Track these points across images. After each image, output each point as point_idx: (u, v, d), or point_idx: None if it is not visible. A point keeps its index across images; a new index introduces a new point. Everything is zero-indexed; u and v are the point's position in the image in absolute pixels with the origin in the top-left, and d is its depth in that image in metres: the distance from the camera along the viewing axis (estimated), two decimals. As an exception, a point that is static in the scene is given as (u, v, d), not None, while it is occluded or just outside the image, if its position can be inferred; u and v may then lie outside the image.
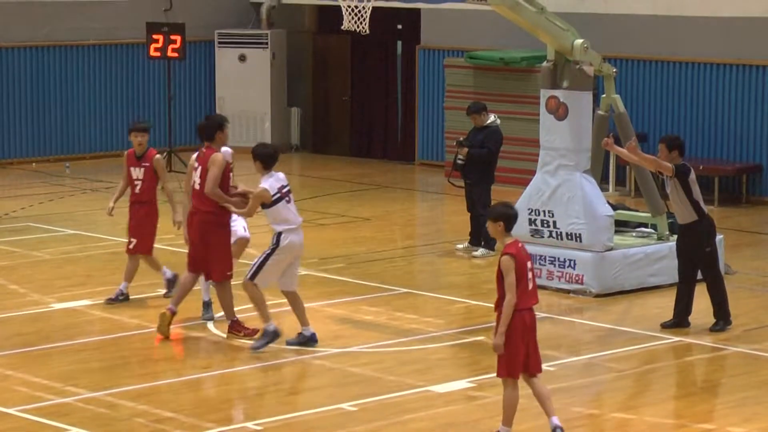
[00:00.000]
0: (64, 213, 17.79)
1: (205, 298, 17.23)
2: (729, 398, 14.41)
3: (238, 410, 14.13)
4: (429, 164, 28.99)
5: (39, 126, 27.41)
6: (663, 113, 25.57)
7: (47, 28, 29.58)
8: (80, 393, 14.35)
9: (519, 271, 12.48)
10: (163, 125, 27.70)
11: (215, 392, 14.94)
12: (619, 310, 17.94)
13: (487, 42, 26.99)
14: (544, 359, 15.64)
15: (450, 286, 18.85)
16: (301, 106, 31.88)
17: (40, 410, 13.77)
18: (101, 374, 15.08)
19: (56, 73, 29.36)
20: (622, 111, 19.41)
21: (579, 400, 14.49)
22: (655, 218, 19.31)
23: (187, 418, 13.65)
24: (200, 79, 30.93)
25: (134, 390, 14.50)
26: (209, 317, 17.12)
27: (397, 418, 13.49)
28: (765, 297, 18.78)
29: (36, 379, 14.82)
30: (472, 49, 27.21)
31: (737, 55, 25.19)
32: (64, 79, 29.31)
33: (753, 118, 25.16)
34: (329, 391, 14.50)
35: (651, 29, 25.88)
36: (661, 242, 19.07)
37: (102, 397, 14.22)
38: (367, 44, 28.82)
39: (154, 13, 29.73)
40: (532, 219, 18.99)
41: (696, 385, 15.40)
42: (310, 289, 18.72)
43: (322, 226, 23.44)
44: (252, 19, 31.81)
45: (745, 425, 13.39)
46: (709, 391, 14.94)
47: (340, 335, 16.71)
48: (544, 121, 19.08)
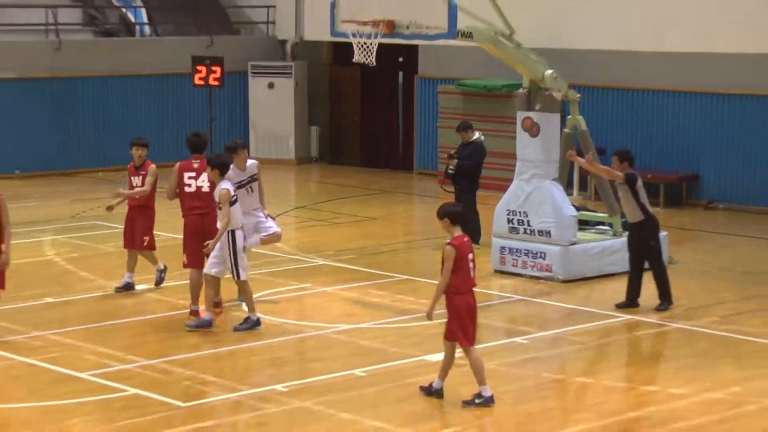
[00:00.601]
0: (123, 214, 17.59)
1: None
2: (671, 365, 14.43)
3: (268, 375, 14.07)
4: (425, 173, 28.96)
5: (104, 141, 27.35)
6: (618, 131, 25.51)
7: (113, 61, 29.50)
8: (139, 361, 14.36)
9: (460, 261, 12.69)
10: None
11: (249, 360, 14.91)
12: (581, 294, 17.89)
13: (473, 72, 26.92)
14: (519, 334, 15.78)
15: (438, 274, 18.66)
16: (320, 125, 31.76)
17: (107, 375, 13.81)
18: (155, 345, 15.12)
19: (119, 98, 29.44)
20: (585, 129, 19.45)
21: (548, 367, 14.56)
22: (611, 218, 19.33)
23: (225, 381, 13.71)
24: (236, 103, 30.82)
25: (183, 358, 14.51)
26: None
27: (398, 382, 13.53)
28: (702, 282, 18.67)
29: (102, 349, 14.83)
30: (461, 78, 27.21)
31: (679, 84, 25.19)
32: (126, 103, 29.36)
33: (692, 136, 25.13)
34: (343, 360, 14.48)
35: (609, 62, 25.89)
36: (615, 238, 19.10)
37: (156, 364, 14.27)
38: (374, 74, 28.68)
39: (198, 49, 29.66)
40: (510, 218, 18.96)
41: (644, 354, 15.41)
42: (327, 276, 18.87)
43: (337, 225, 23.39)
44: (279, 54, 31.69)
45: (684, 387, 13.42)
46: (654, 359, 14.96)
47: (352, 314, 16.70)
48: (520, 138, 19.02)
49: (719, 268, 19.52)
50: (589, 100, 23.91)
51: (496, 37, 18.71)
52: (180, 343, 15.11)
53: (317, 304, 17.29)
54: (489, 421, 12.40)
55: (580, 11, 26.08)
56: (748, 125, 24.34)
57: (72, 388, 13.31)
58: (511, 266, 18.85)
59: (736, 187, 24.59)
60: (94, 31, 30.57)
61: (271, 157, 30.34)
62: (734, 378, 13.79)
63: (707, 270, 19.41)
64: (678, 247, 20.29)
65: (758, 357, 14.67)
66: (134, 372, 13.91)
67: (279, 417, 12.48)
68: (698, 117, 25.01)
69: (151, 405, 12.74)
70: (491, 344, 15.44)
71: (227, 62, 28.33)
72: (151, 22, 31.24)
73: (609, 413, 12.79)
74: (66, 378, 13.67)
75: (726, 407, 12.82)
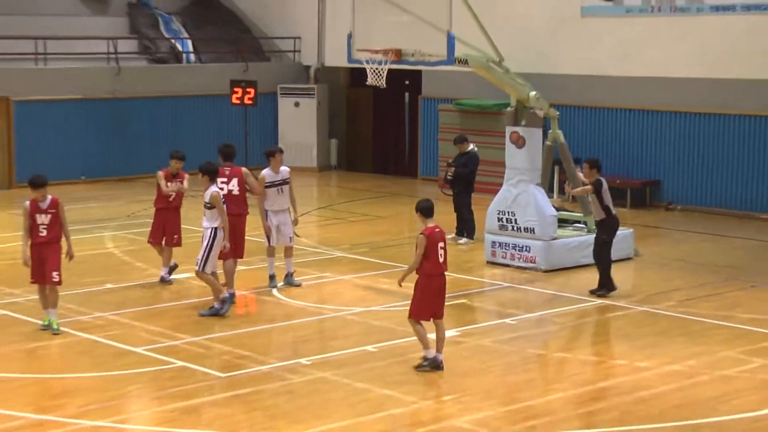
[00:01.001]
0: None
1: (270, 272, 17.03)
2: (636, 342, 14.35)
3: (294, 350, 14.04)
4: (427, 179, 28.87)
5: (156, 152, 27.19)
6: (591, 143, 25.45)
7: (163, 84, 29.51)
8: (184, 338, 14.36)
9: (430, 248, 12.73)
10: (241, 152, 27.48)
11: (277, 338, 14.88)
12: (560, 281, 17.81)
13: (468, 93, 26.88)
14: (508, 316, 15.72)
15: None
16: (338, 138, 31.72)
17: (157, 350, 13.83)
18: (198, 325, 15.07)
19: (168, 115, 29.46)
20: (563, 142, 19.41)
21: (532, 344, 14.49)
22: (586, 217, 19.25)
23: (258, 356, 13.69)
24: (267, 119, 30.78)
25: (222, 336, 14.50)
26: (273, 286, 16.91)
27: (404, 357, 13.48)
28: (662, 272, 18.60)
29: (153, 328, 14.85)
30: (458, 98, 27.17)
31: (643, 103, 25.09)
32: (174, 120, 29.39)
33: (653, 147, 25.03)
34: (357, 338, 14.48)
35: (584, 85, 25.82)
36: (589, 234, 18.91)
37: (199, 341, 14.28)
38: (384, 95, 28.60)
39: (236, 73, 29.68)
40: (499, 218, 18.92)
41: (613, 333, 15.32)
42: (344, 266, 18.83)
43: (352, 222, 23.36)
44: (304, 77, 31.70)
45: (647, 361, 13.42)
46: (622, 337, 14.85)
47: (365, 299, 16.68)
48: (509, 149, 18.98)
49: (676, 260, 19.47)
50: (567, 117, 23.90)
51: (488, 63, 18.71)
52: (219, 323, 15.09)
53: (335, 290, 17.28)
54: (481, 389, 12.35)
55: (559, 42, 26.03)
56: (701, 138, 24.27)
57: (129, 360, 13.35)
58: (501, 258, 18.84)
59: (692, 191, 24.51)
60: (147, 58, 30.55)
61: (297, 165, 30.09)
62: (689, 353, 13.78)
63: (666, 262, 19.37)
64: (642, 242, 20.22)
65: (709, 335, 14.63)
66: (181, 347, 13.92)
67: (303, 386, 12.47)
68: (659, 131, 24.91)
69: (195, 375, 12.78)
70: (484, 324, 15.47)
71: (260, 85, 28.37)
72: (196, 51, 31.22)
73: (583, 383, 12.78)
74: (124, 352, 13.69)
75: (683, 377, 12.81)
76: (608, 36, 25.46)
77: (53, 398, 12.10)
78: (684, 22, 24.33)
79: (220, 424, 11.27)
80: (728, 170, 23.90)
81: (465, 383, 12.58)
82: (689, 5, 24.12)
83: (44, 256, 14.22)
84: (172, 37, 30.97)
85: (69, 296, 15.95)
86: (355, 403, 11.87)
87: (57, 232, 14.27)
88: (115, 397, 12.09)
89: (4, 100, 27.12)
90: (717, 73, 23.92)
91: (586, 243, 18.70)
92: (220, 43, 31.76)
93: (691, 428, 11.24)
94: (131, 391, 12.34)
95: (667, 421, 11.40)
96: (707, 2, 23.86)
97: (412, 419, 11.56)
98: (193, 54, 31.11)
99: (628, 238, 19.35)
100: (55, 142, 27.72)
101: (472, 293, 17.16)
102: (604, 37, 25.51)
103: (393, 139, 31.10)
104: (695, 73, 24.23)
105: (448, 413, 11.66)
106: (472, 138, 21.87)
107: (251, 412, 11.61)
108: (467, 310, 16.31)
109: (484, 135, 24.73)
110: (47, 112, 27.66)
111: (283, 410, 11.68)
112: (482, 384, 12.59)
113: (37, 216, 14.17)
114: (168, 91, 29.51)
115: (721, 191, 24.04)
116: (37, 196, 14.19)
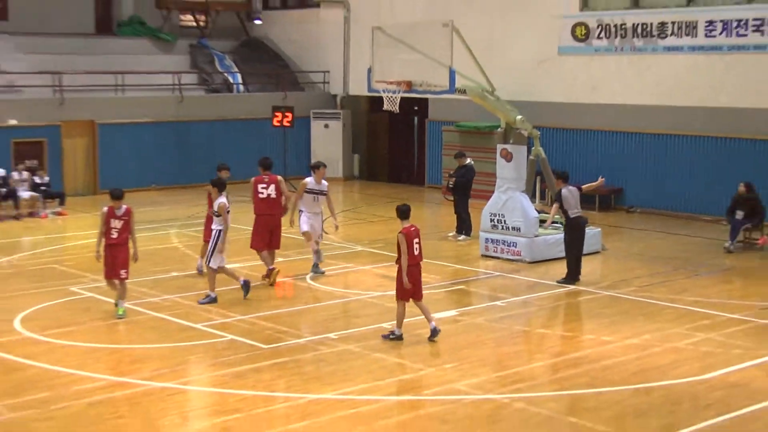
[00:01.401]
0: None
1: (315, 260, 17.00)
2: (602, 320, 14.30)
3: (324, 327, 13.98)
4: (433, 187, 28.83)
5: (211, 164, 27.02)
6: (567, 158, 25.30)
7: (217, 110, 29.56)
8: (234, 316, 14.36)
9: (408, 243, 12.70)
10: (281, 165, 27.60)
11: (310, 316, 14.83)
12: (541, 271, 17.74)
13: (467, 117, 26.87)
14: (498, 299, 15.73)
15: (445, 257, 18.72)
16: (360, 153, 31.67)
17: (213, 326, 13.72)
18: (246, 306, 14.94)
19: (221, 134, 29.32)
20: (544, 157, 19.39)
21: (517, 322, 14.41)
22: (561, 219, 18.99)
23: (295, 331, 13.70)
24: (302, 138, 30.75)
25: (265, 314, 14.48)
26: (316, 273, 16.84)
27: (415, 332, 13.40)
28: (624, 263, 18.51)
29: (209, 308, 14.77)
30: (458, 121, 27.12)
31: (609, 126, 24.99)
32: (225, 138, 29.34)
33: (617, 161, 24.88)
34: (375, 317, 14.44)
35: (560, 110, 25.75)
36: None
37: (247, 318, 14.23)
38: (397, 118, 28.56)
39: (276, 101, 29.68)
40: (491, 219, 18.88)
41: (584, 313, 15.26)
42: (364, 258, 18.80)
43: (371, 222, 23.32)
44: (332, 104, 31.68)
45: (611, 336, 13.38)
46: (591, 316, 14.79)
47: (381, 285, 16.60)
48: (499, 162, 18.95)
49: (636, 254, 19.39)
50: (546, 136, 23.83)
51: (482, 92, 18.69)
52: (263, 304, 15.07)
53: (357, 278, 17.25)
54: (477, 359, 12.34)
55: (540, 76, 25.95)
56: (656, 154, 24.16)
57: (190, 334, 13.36)
58: (493, 252, 18.79)
59: (649, 197, 24.39)
60: (205, 89, 30.58)
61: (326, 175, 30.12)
62: (645, 329, 13.73)
63: (628, 255, 19.29)
64: (607, 238, 20.15)
65: (662, 315, 14.58)
66: (231, 324, 13.92)
67: (331, 356, 12.46)
68: (621, 148, 24.78)
69: (243, 347, 12.78)
70: (479, 306, 15.42)
71: (296, 110, 28.36)
72: (244, 83, 31.22)
73: (560, 353, 12.77)
74: (186, 328, 13.71)
75: (640, 349, 12.78)
76: (580, 71, 25.40)
77: (129, 364, 12.15)
78: (642, 60, 24.26)
79: (264, 387, 11.29)
80: (678, 180, 23.80)
81: (463, 354, 12.57)
82: (646, 46, 24.06)
83: (115, 255, 14.19)
84: (225, 72, 31.02)
85: (142, 282, 15.99)
86: (373, 370, 11.87)
87: (126, 236, 14.19)
88: (179, 363, 12.13)
89: (91, 123, 27.21)
90: (668, 101, 23.85)
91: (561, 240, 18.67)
92: (263, 77, 31.78)
93: (646, 390, 11.23)
94: (191, 359, 12.39)
95: (627, 384, 11.39)
96: (660, 44, 23.79)
97: (419, 383, 11.56)
98: (241, 85, 31.15)
99: (596, 236, 19.27)
100: (131, 156, 27.75)
101: (469, 281, 17.13)
102: (577, 71, 25.45)
103: (405, 154, 31.01)
104: (650, 101, 24.17)
105: (449, 378, 11.65)
106: (470, 153, 21.83)
107: (289, 377, 11.63)
108: (465, 294, 16.27)
109: (479, 151, 24.68)
110: (124, 132, 27.69)
111: (315, 375, 11.70)
112: (477, 354, 12.57)
113: (111, 221, 14.16)
114: (221, 115, 29.50)
115: (672, 197, 23.92)
116: (114, 205, 14.20)
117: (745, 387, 11.32)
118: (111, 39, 30.88)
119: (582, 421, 10.27)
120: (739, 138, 22.69)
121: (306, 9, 32.77)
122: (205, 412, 10.71)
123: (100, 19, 31.64)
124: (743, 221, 19.68)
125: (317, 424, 10.13)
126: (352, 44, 30.90)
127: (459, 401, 10.86)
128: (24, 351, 12.52)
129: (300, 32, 32.69)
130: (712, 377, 11.66)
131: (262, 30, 33.72)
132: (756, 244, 19.86)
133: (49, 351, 12.55)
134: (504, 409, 10.60)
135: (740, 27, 22.33)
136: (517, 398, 10.92)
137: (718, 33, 22.72)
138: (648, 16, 23.96)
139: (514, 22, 26.49)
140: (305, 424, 10.14)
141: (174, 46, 31.63)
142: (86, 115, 27.04)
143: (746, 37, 22.30)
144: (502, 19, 26.73)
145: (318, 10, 32.08)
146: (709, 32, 22.87)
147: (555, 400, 10.94)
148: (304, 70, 32.56)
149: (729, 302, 15.37)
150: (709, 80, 23.11)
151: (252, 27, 33.91)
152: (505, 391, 11.17)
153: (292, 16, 33.26)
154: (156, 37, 31.45)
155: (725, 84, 22.85)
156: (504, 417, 10.39)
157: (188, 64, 31.17)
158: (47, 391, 11.02)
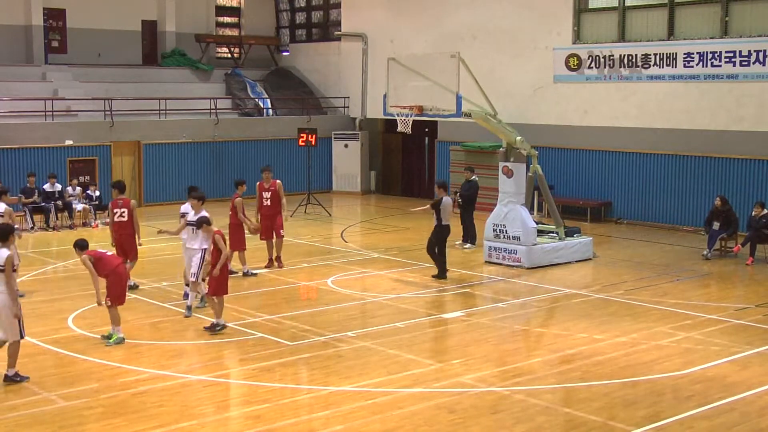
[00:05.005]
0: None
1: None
2: (594, 320, 14.20)
3: (343, 326, 13.91)
4: (440, 200, 28.65)
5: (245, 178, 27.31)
6: (562, 175, 25.29)
7: (249, 131, 29.59)
8: (262, 316, 14.31)
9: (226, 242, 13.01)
10: (305, 180, 27.60)
11: (330, 317, 14.70)
12: (539, 276, 17.67)
13: (472, 137, 26.78)
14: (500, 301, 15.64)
15: (452, 263, 18.64)
16: (376, 170, 31.64)
17: (243, 324, 13.66)
18: (273, 307, 15.00)
19: (253, 154, 29.42)
20: (541, 174, 19.30)
21: (517, 321, 14.32)
22: (557, 229, 19.13)
23: (317, 329, 13.58)
24: (324, 157, 30.79)
25: (290, 315, 14.42)
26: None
27: (425, 331, 13.44)
28: (613, 269, 18.37)
29: (240, 308, 14.76)
30: (465, 141, 27.01)
31: (598, 146, 24.86)
32: (256, 157, 29.32)
33: (607, 177, 24.75)
34: (389, 317, 14.37)
35: (556, 132, 25.63)
36: (560, 241, 18.84)
37: (273, 318, 14.21)
38: (410, 139, 28.61)
39: (302, 123, 29.75)
40: (494, 229, 18.79)
41: (577, 313, 15.10)
42: (380, 264, 18.75)
43: (386, 232, 23.23)
44: (351, 126, 31.64)
45: (602, 334, 13.27)
46: (584, 316, 14.65)
47: (395, 288, 16.56)
48: (501, 179, 18.86)
49: (624, 260, 19.25)
50: (544, 155, 23.73)
51: (486, 115, 18.60)
52: (287, 305, 15.03)
53: (373, 282, 17.18)
54: (481, 355, 12.24)
55: (538, 101, 25.86)
56: (641, 171, 24.03)
57: (223, 332, 13.29)
58: (495, 259, 18.69)
59: (635, 210, 24.26)
60: (238, 113, 30.64)
61: (346, 190, 30.51)
62: (633, 328, 13.61)
63: (616, 261, 19.15)
64: (598, 247, 20.03)
65: (647, 315, 14.45)
66: (260, 323, 13.87)
67: (349, 352, 12.39)
68: (610, 166, 24.64)
69: (269, 343, 12.72)
70: (483, 307, 15.32)
71: (320, 131, 28.32)
72: (273, 107, 31.29)
73: (556, 350, 12.63)
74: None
75: (628, 346, 12.66)
76: (573, 97, 25.30)
77: (169, 359, 12.09)
78: (627, 87, 24.16)
79: (289, 380, 11.22)
80: (661, 194, 23.65)
81: (469, 350, 12.47)
82: (631, 75, 23.97)
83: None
84: (256, 98, 31.10)
85: (180, 285, 15.94)
86: (388, 365, 11.78)
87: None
88: (213, 358, 12.07)
89: (137, 143, 27.31)
90: (651, 123, 23.74)
91: (557, 248, 18.64)
92: (290, 102, 31.82)
93: (633, 383, 11.10)
94: (224, 354, 12.32)
95: (616, 378, 11.26)
96: (644, 73, 23.71)
97: (429, 376, 11.44)
98: (271, 109, 31.19)
99: (588, 244, 19.17)
100: (172, 173, 27.81)
101: (473, 284, 17.04)
102: (570, 97, 25.35)
103: (416, 171, 30.97)
104: (635, 123, 24.06)
105: (456, 372, 11.54)
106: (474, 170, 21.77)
107: (311, 371, 11.56)
108: (470, 297, 16.17)
109: (483, 168, 24.60)
110: (167, 151, 27.77)
111: (334, 369, 11.61)
112: (481, 351, 12.47)
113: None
114: (253, 136, 29.52)
115: (655, 210, 23.78)
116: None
117: (722, 380, 11.21)
118: (156, 69, 31.08)
119: (575, 411, 10.17)
120: (714, 156, 22.60)
121: (328, 42, 32.86)
122: (237, 402, 10.64)
123: (147, 52, 31.85)
124: (719, 231, 19.55)
125: (338, 413, 10.06)
126: (369, 73, 30.90)
127: (465, 393, 10.76)
128: (76, 347, 12.51)
129: (323, 62, 32.77)
130: (693, 372, 11.54)
131: (289, 60, 33.87)
132: (731, 252, 19.71)
133: (98, 347, 12.53)
134: (505, 400, 10.51)
135: (714, 58, 22.30)
136: (517, 390, 10.82)
137: (695, 63, 22.68)
138: (633, 49, 23.88)
139: (515, 54, 26.43)
140: (327, 414, 10.07)
141: (211, 75, 31.76)
142: (133, 137, 27.16)
143: (720, 67, 22.27)
144: (504, 50, 26.68)
145: (339, 43, 32.15)
146: (687, 63, 22.81)
147: (551, 392, 10.83)
148: (326, 95, 32.58)
149: (707, 304, 15.23)
150: (687, 105, 23.02)
151: (280, 58, 34.15)
152: (506, 384, 11.07)
153: (316, 48, 33.34)
154: (195, 67, 31.61)
155: (701, 108, 22.77)
156: (505, 407, 10.30)
157: (223, 91, 31.25)
158: (96, 383, 11.00)
